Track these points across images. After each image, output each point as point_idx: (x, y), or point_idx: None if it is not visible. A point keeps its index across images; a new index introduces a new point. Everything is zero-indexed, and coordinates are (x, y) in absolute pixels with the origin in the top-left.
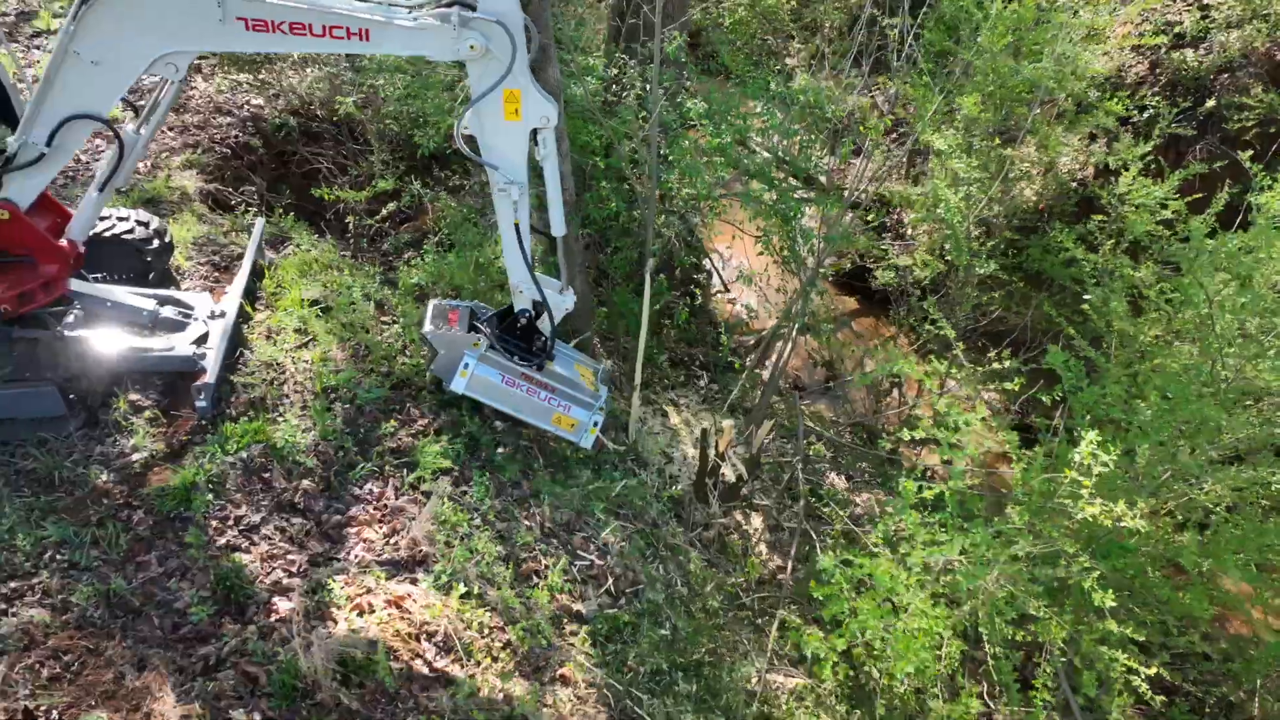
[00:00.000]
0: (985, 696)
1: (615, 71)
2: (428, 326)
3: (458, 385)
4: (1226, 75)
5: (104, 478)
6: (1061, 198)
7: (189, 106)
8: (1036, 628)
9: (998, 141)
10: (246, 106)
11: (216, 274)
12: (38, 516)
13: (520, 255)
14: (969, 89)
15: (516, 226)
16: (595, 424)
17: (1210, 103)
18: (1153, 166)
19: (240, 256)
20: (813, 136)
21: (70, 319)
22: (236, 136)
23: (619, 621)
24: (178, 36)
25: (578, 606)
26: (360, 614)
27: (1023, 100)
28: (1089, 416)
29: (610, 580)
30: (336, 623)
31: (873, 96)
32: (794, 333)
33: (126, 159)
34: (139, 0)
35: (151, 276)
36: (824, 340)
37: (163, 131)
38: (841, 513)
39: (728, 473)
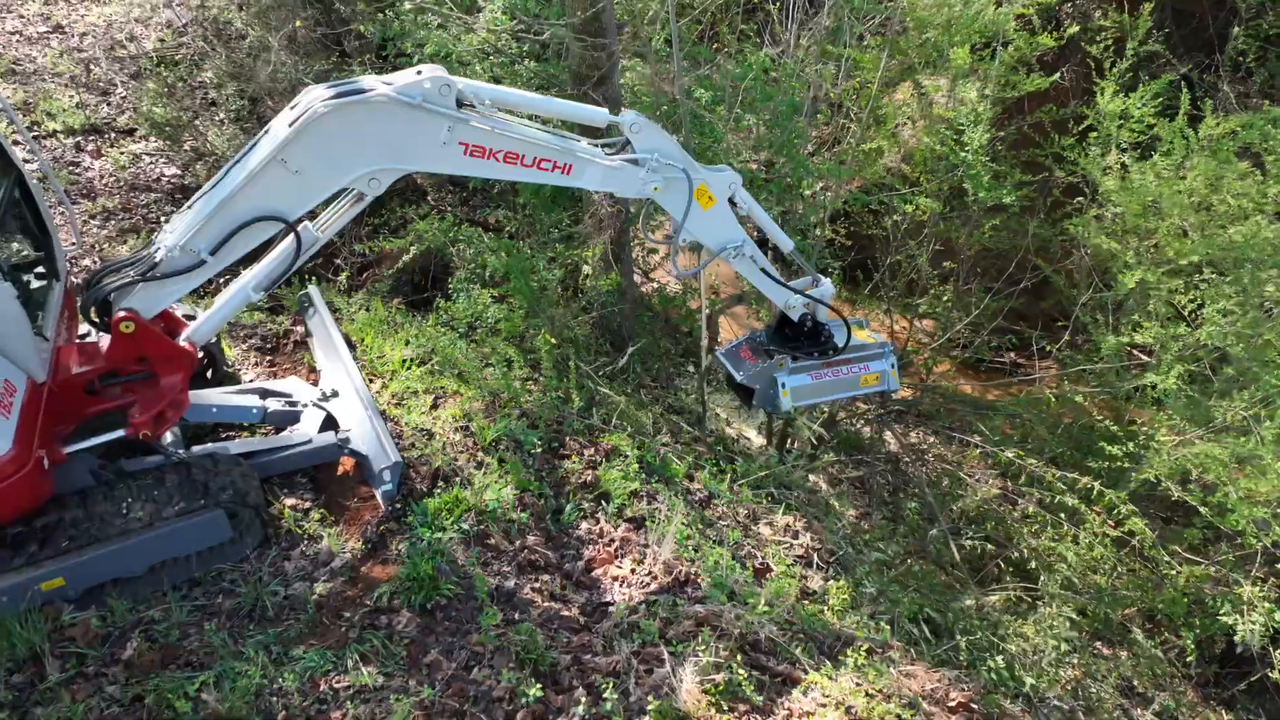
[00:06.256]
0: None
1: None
2: (738, 376)
3: (785, 405)
4: (1070, 4)
5: (319, 590)
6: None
7: (95, 189)
8: None
9: (980, 83)
10: (164, 179)
11: (269, 358)
12: (280, 651)
13: (779, 287)
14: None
15: (763, 271)
16: (892, 365)
17: (1073, 28)
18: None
19: (284, 334)
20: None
21: (170, 438)
22: (170, 210)
23: (845, 592)
24: (395, 155)
25: (812, 587)
26: (681, 641)
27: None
28: None
29: (814, 556)
30: (664, 661)
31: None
32: None
33: (300, 259)
34: (369, 119)
35: (210, 374)
36: None
37: (85, 223)
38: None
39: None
